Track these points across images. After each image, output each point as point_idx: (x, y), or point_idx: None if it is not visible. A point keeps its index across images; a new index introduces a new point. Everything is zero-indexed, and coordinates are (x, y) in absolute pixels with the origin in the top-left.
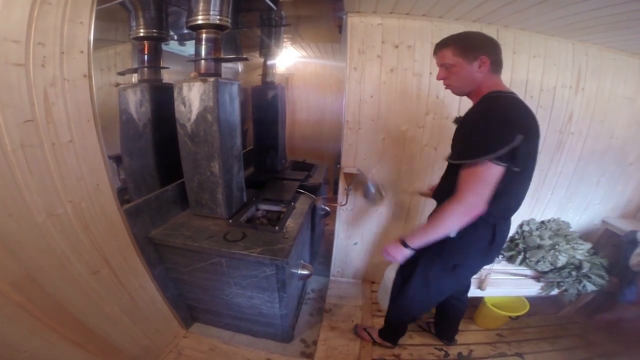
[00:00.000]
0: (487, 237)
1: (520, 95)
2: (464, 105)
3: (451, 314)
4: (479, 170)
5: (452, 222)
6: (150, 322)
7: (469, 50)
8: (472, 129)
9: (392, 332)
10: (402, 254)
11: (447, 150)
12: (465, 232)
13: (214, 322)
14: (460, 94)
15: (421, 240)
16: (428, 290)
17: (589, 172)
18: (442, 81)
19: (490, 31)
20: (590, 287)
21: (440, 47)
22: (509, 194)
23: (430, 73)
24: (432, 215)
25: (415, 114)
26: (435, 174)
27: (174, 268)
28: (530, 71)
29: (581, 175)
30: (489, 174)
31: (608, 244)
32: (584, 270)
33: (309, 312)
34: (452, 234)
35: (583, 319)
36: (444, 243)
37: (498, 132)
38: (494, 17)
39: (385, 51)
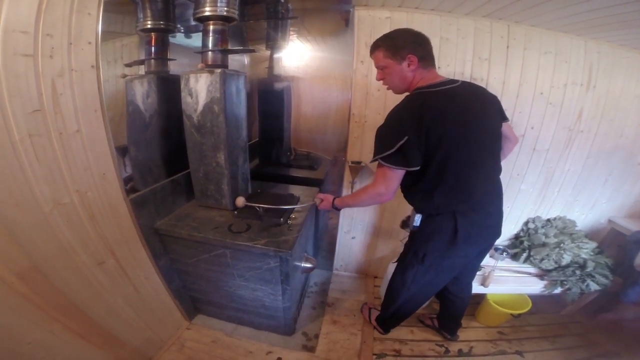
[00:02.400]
0: (449, 226)
1: (530, 92)
2: None
3: (452, 309)
4: (382, 169)
5: (365, 201)
6: (154, 313)
7: (396, 50)
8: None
9: (385, 322)
10: (327, 208)
11: None
12: (427, 222)
13: (216, 314)
14: (399, 93)
15: (343, 204)
16: (405, 283)
17: (597, 170)
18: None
19: (501, 27)
20: (593, 287)
21: (373, 49)
22: (444, 186)
23: (439, 68)
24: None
25: None
26: None
27: (178, 259)
28: (541, 68)
29: (589, 174)
30: (389, 173)
31: (613, 243)
32: (588, 270)
33: (312, 305)
34: (416, 223)
35: (585, 318)
36: (414, 235)
37: (383, 139)
38: (505, 13)
39: None
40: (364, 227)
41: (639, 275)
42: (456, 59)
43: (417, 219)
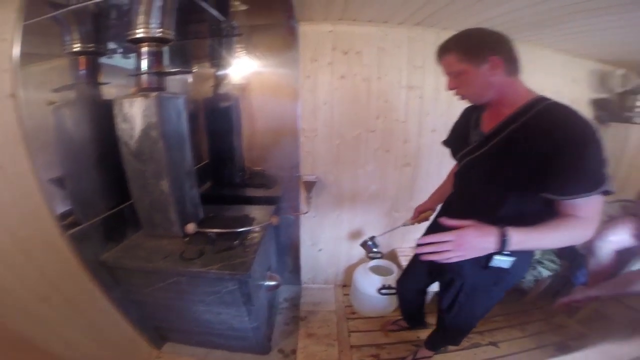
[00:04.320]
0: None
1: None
2: (412, 106)
3: (416, 306)
4: (599, 202)
5: (563, 241)
6: (118, 345)
7: (474, 52)
8: (571, 156)
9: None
10: (487, 248)
11: (400, 152)
12: (520, 262)
13: (186, 341)
14: (480, 104)
15: (525, 242)
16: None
17: None
18: (452, 92)
19: (431, 34)
20: (545, 272)
21: (442, 53)
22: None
23: (379, 78)
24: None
25: (366, 118)
26: (389, 177)
27: (133, 290)
28: None
29: None
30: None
31: None
32: (537, 257)
33: (284, 321)
34: (506, 265)
35: (545, 303)
36: (500, 274)
37: (600, 163)
38: (434, 20)
39: (335, 58)
40: (326, 238)
41: (583, 258)
42: (392, 68)
43: (507, 261)
